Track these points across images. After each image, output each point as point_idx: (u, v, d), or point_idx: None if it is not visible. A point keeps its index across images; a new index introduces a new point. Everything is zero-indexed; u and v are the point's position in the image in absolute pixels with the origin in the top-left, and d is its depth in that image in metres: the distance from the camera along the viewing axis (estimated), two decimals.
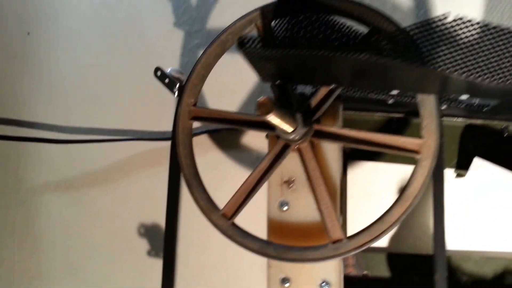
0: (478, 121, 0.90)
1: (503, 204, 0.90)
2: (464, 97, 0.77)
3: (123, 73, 1.17)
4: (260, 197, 0.85)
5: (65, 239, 1.17)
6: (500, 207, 0.90)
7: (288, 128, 0.72)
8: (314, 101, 0.82)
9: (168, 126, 1.07)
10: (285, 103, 0.87)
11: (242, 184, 0.81)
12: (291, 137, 0.75)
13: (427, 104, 0.73)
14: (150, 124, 1.15)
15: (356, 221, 0.97)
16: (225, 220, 0.80)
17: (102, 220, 1.16)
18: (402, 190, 0.70)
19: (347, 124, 0.98)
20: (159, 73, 0.88)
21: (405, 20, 0.98)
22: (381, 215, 0.70)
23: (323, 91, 0.82)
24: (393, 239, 0.98)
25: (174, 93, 0.88)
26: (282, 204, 0.88)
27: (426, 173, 0.70)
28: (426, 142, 0.71)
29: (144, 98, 1.15)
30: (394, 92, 0.79)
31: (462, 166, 0.93)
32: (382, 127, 0.97)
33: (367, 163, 1.00)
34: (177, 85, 0.89)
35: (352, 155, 1.00)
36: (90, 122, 1.19)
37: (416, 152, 0.72)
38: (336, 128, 0.80)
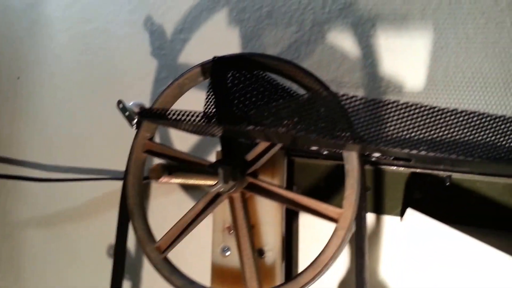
0: (419, 170, 0.91)
1: (442, 253, 0.90)
2: (377, 154, 0.79)
3: (102, 115, 1.25)
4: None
5: (44, 271, 1.25)
6: (439, 256, 0.90)
7: (207, 183, 0.76)
8: (250, 155, 0.86)
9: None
10: (229, 152, 0.91)
11: (177, 222, 0.87)
12: (214, 189, 0.79)
13: (351, 176, 0.76)
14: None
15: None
16: (157, 253, 0.86)
17: (78, 254, 1.23)
18: (317, 256, 0.73)
19: (299, 169, 1.01)
20: (121, 105, 0.94)
21: (353, 70, 1.01)
22: (293, 277, 0.74)
23: (261, 145, 0.86)
24: (341, 284, 0.99)
25: (133, 126, 0.94)
26: (224, 250, 0.92)
27: (340, 243, 0.73)
28: (344, 213, 0.74)
29: (120, 139, 1.22)
30: (314, 148, 0.82)
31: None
32: (331, 172, 1.00)
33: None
34: (136, 119, 0.95)
35: None
36: (72, 161, 1.27)
37: (335, 220, 0.75)
38: (266, 184, 0.83)
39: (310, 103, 0.76)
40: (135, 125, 0.95)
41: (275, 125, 0.67)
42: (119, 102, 0.94)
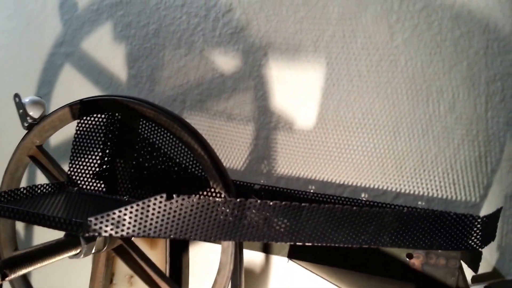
0: None
1: None
2: None
3: None
4: None
5: None
6: None
7: (67, 255, 0.69)
8: None
9: None
10: None
11: (31, 250, 0.79)
12: (75, 258, 0.71)
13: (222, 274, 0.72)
14: None
15: None
16: None
17: None
18: None
19: None
20: (17, 99, 0.83)
21: (244, 101, 0.93)
22: None
23: None
24: None
25: (24, 127, 0.84)
26: None
27: None
28: None
29: None
30: None
31: (293, 256, 0.90)
32: None
33: (206, 243, 0.97)
34: (29, 120, 0.84)
35: None
36: None
37: None
38: (135, 255, 0.76)
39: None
40: (27, 126, 0.84)
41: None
42: (16, 95, 0.83)
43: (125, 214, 0.55)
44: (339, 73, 0.88)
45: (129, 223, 0.55)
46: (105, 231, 0.54)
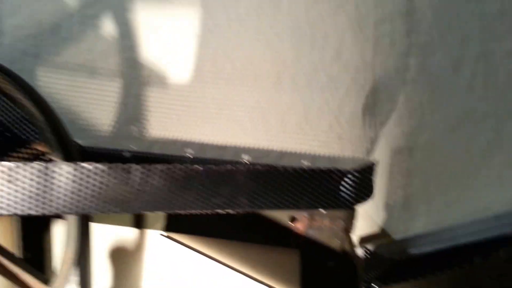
0: None
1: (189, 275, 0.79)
2: None
3: None
4: None
5: None
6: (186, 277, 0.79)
7: None
8: None
9: None
10: None
11: None
12: None
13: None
14: None
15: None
16: None
17: None
18: None
19: None
20: None
21: (109, 53, 0.80)
22: None
23: None
24: None
25: None
26: None
27: None
28: None
29: None
30: None
31: (168, 228, 0.81)
32: None
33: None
34: None
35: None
36: None
37: None
38: None
39: None
40: None
41: None
42: None
43: None
44: (216, 17, 0.77)
45: None
46: None
